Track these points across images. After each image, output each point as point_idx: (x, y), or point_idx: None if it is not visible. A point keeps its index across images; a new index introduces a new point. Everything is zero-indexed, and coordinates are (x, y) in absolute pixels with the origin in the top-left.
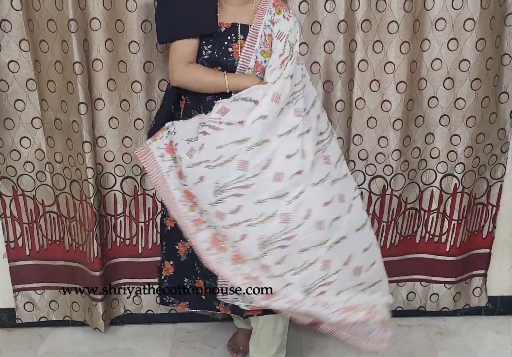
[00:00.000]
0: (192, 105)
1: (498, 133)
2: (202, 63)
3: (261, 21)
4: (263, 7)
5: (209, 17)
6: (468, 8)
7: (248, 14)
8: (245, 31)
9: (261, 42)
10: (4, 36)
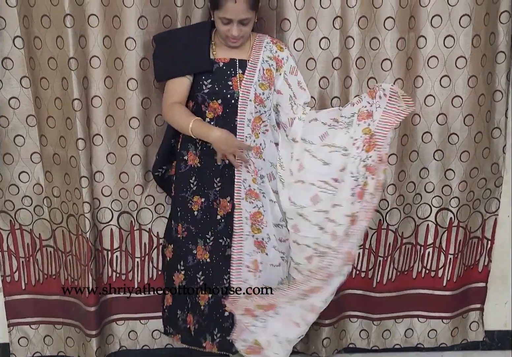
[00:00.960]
0: (187, 138)
1: (492, 167)
2: (202, 98)
3: (258, 56)
4: (259, 44)
5: (201, 56)
6: (459, 46)
7: (245, 50)
8: (243, 66)
9: (259, 76)
10: (5, 73)
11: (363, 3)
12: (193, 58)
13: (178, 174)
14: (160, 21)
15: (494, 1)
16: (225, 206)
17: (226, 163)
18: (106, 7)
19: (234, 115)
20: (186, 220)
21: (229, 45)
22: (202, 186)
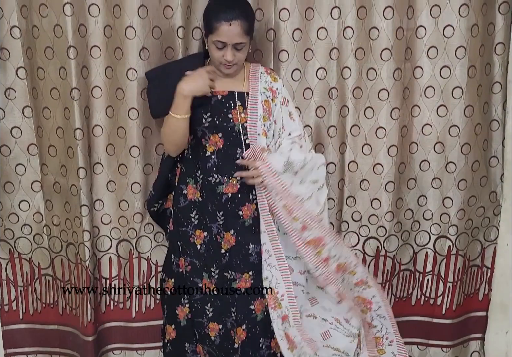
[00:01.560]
0: (187, 172)
1: (490, 196)
2: (202, 131)
3: (257, 88)
4: (255, 74)
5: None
6: (455, 77)
7: (242, 81)
8: (242, 98)
9: (261, 108)
10: (8, 103)
11: (359, 35)
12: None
13: (177, 208)
14: (162, 52)
15: (489, 33)
16: (229, 239)
17: (229, 197)
18: (109, 39)
19: (236, 148)
20: (189, 254)
21: (223, 72)
22: (204, 220)
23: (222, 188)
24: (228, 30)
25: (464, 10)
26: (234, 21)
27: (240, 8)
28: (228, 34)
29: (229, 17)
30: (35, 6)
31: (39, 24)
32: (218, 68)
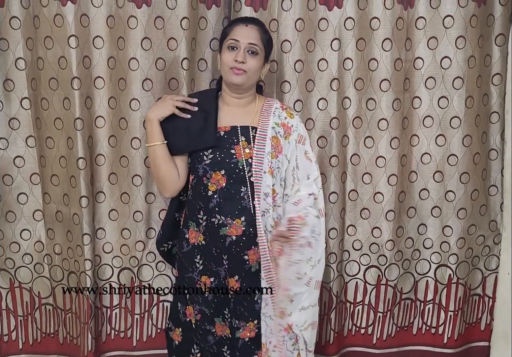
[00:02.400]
0: (189, 214)
1: (490, 225)
2: (203, 169)
3: (268, 122)
4: (268, 109)
5: (207, 133)
6: (453, 107)
7: (250, 115)
8: (246, 132)
9: (269, 145)
10: (12, 133)
11: (359, 66)
12: (199, 135)
13: (181, 253)
14: (166, 83)
15: (486, 65)
16: (233, 285)
17: (233, 240)
18: (112, 70)
19: (239, 186)
20: (197, 302)
21: (232, 81)
22: (209, 265)
23: (226, 230)
24: (244, 29)
25: (460, 42)
26: (251, 24)
27: (258, 20)
28: (242, 33)
29: (246, 20)
30: (41, 38)
31: (44, 56)
32: (227, 80)
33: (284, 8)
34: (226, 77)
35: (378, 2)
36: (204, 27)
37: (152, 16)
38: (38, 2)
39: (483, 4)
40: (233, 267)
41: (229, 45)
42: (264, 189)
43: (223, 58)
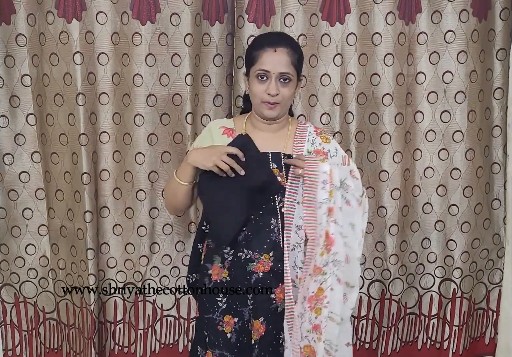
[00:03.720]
0: (214, 248)
1: (493, 238)
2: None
3: (302, 149)
4: (302, 134)
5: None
6: (456, 121)
7: (282, 140)
8: (277, 159)
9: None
10: (17, 149)
11: (361, 81)
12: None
13: (202, 291)
14: (169, 99)
15: (488, 79)
16: (258, 328)
17: (259, 277)
18: (117, 86)
19: (270, 218)
20: (217, 346)
21: (265, 114)
22: (234, 304)
23: (252, 266)
24: (273, 56)
25: (462, 57)
26: (280, 48)
27: (287, 37)
28: (272, 61)
29: (274, 43)
30: (46, 55)
31: (50, 72)
32: (259, 112)
33: (287, 24)
34: (257, 109)
35: (379, 17)
36: (207, 44)
37: (156, 33)
38: (44, 20)
39: (484, 19)
40: (258, 307)
41: (259, 74)
42: (297, 221)
43: (253, 89)
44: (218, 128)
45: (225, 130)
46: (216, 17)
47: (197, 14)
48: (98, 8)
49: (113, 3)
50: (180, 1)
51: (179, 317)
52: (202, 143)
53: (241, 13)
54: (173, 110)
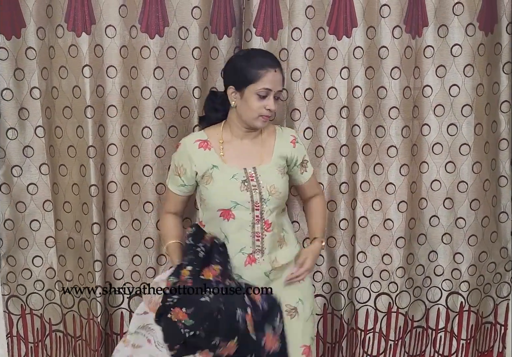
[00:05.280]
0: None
1: (501, 251)
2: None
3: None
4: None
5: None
6: (462, 134)
7: (258, 146)
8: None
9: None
10: (25, 161)
11: (368, 94)
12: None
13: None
14: (177, 112)
15: (494, 92)
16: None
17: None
18: (125, 99)
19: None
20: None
21: (258, 126)
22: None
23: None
24: (274, 76)
25: (469, 70)
26: (277, 68)
27: (276, 58)
28: (274, 81)
29: (274, 64)
30: (56, 68)
31: (59, 85)
32: (250, 124)
33: (294, 37)
34: (250, 121)
35: (386, 31)
36: (215, 57)
37: (165, 46)
38: (53, 33)
39: (490, 33)
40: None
41: (260, 93)
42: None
43: (252, 104)
44: (193, 143)
45: (200, 143)
46: (224, 30)
47: (205, 28)
48: (107, 22)
49: (122, 16)
50: (188, 15)
51: None
52: (180, 161)
53: (249, 26)
54: (180, 123)
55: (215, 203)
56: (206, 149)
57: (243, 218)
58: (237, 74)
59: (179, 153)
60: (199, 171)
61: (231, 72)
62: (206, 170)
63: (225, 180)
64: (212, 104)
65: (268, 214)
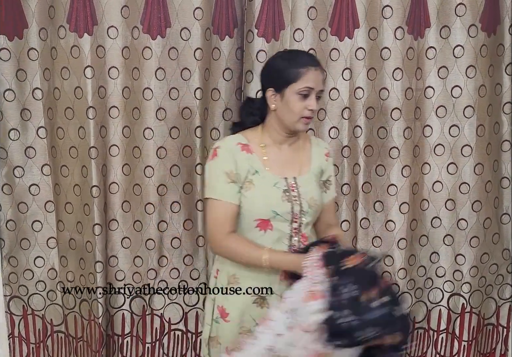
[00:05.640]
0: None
1: (503, 253)
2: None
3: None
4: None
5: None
6: (464, 135)
7: (298, 153)
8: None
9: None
10: (27, 161)
11: (370, 95)
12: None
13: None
14: (179, 113)
15: (497, 93)
16: None
17: None
18: (127, 100)
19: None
20: None
21: (300, 129)
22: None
23: None
24: (316, 75)
25: (471, 72)
26: (318, 67)
27: (316, 57)
28: (316, 79)
29: (315, 61)
30: (57, 69)
31: (61, 86)
32: (291, 127)
33: (296, 38)
34: (292, 124)
35: (388, 32)
36: (217, 58)
37: (166, 47)
38: (55, 34)
39: (493, 34)
40: None
41: (302, 92)
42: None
43: (293, 105)
44: (235, 146)
45: (242, 147)
46: (226, 31)
47: (207, 29)
48: (109, 23)
49: (124, 17)
50: (190, 15)
51: (187, 331)
52: (229, 166)
53: (251, 27)
54: (182, 124)
55: (254, 211)
56: (248, 153)
57: (281, 230)
58: (277, 74)
59: (222, 159)
60: (242, 175)
61: (270, 74)
62: (247, 175)
63: (266, 187)
64: (249, 109)
65: (305, 227)
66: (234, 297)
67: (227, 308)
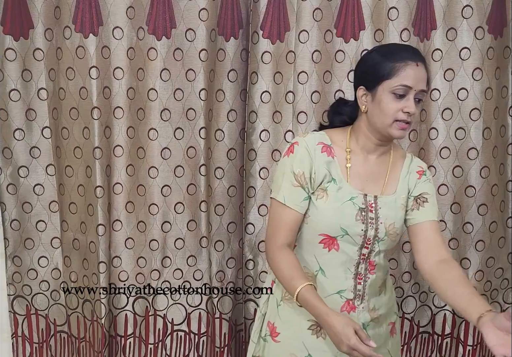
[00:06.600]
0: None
1: (508, 257)
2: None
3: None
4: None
5: None
6: (471, 138)
7: (383, 168)
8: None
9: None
10: (32, 161)
11: None
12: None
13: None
14: (183, 113)
15: (503, 96)
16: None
17: None
18: (132, 100)
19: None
20: None
21: (395, 135)
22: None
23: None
24: (416, 70)
25: (477, 74)
26: (420, 62)
27: (420, 52)
28: (415, 76)
29: (415, 55)
30: (63, 69)
31: (66, 86)
32: (384, 132)
33: (301, 40)
34: (384, 128)
35: (394, 34)
36: (222, 59)
37: (172, 48)
38: (61, 35)
39: (499, 37)
40: None
41: (397, 91)
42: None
43: (386, 106)
44: (316, 145)
45: (323, 148)
46: (231, 33)
47: (212, 30)
48: (114, 24)
49: (130, 18)
50: (195, 17)
51: (190, 332)
52: (302, 166)
53: (256, 29)
54: (187, 125)
55: (320, 223)
56: (329, 157)
57: (348, 253)
58: (369, 70)
59: (297, 157)
60: (316, 180)
61: (362, 70)
62: (322, 181)
63: (341, 199)
64: (338, 109)
65: (375, 254)
66: (289, 315)
67: (278, 327)
